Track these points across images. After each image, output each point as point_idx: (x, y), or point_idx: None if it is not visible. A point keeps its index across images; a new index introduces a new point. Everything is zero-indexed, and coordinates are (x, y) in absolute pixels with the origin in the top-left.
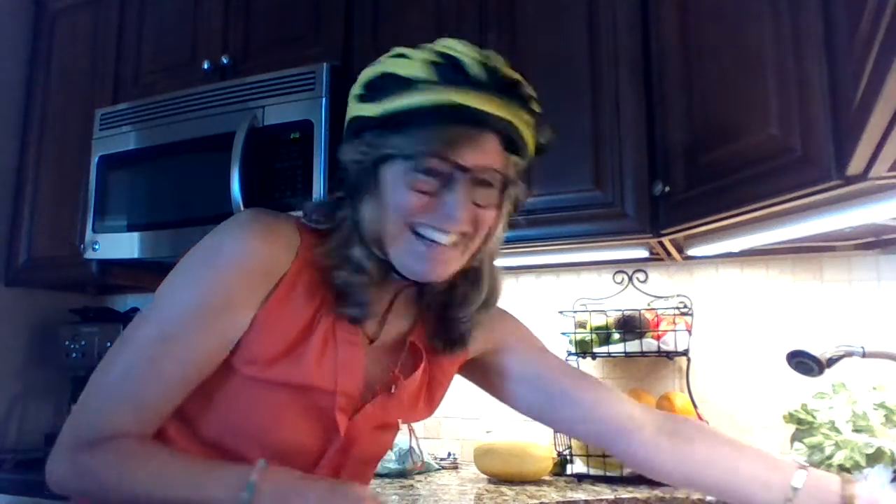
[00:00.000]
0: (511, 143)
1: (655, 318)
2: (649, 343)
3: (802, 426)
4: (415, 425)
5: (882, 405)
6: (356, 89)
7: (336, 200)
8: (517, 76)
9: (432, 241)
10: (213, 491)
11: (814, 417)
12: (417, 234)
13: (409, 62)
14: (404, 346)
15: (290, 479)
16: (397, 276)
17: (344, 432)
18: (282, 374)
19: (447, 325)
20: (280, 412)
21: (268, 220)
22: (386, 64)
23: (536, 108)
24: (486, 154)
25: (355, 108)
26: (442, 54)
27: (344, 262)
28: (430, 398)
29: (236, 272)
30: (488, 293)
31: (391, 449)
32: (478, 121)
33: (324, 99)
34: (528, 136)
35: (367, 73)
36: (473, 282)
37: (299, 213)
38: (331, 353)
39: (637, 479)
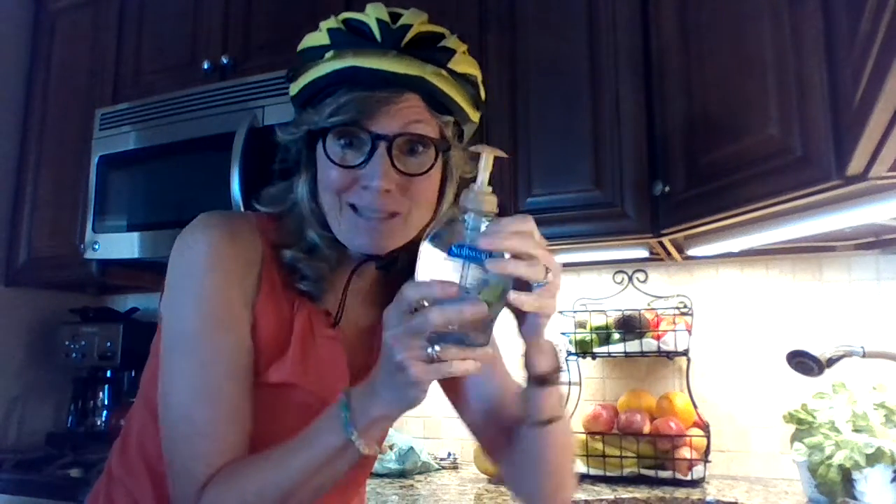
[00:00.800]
0: (436, 103)
1: (655, 318)
2: (649, 343)
3: (802, 426)
4: (414, 425)
5: (882, 405)
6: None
7: (287, 185)
8: (437, 29)
9: (368, 218)
10: (324, 439)
11: (814, 417)
12: (353, 208)
13: (317, 34)
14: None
15: (360, 391)
16: (350, 252)
17: None
18: (274, 374)
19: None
20: (276, 413)
21: (224, 219)
22: (304, 40)
23: (458, 62)
24: (404, 116)
25: (289, 92)
26: (346, 20)
27: (298, 243)
28: None
29: (219, 272)
30: None
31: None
32: (385, 82)
33: None
34: (454, 92)
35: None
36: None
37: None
38: (311, 351)
39: (637, 479)
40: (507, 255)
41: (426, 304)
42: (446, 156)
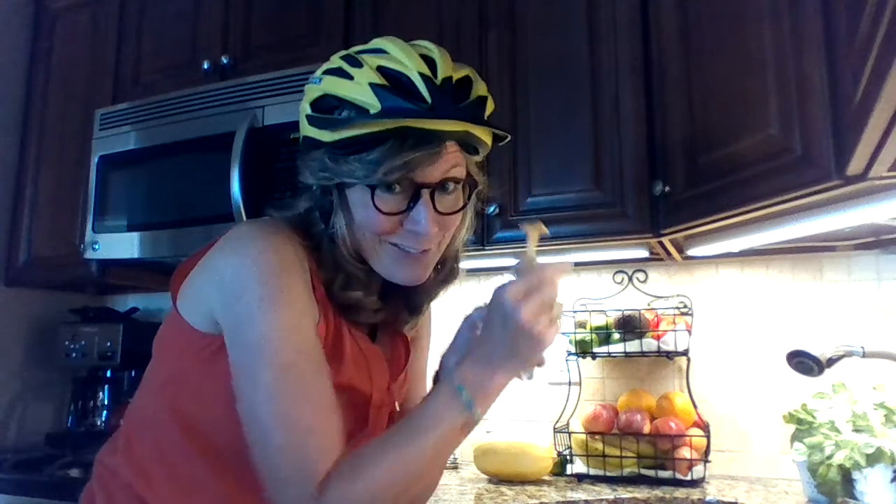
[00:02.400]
0: (471, 147)
1: (655, 318)
2: (649, 343)
3: (802, 426)
4: None
5: (882, 405)
6: (305, 107)
7: (307, 214)
8: (465, 72)
9: (408, 252)
10: (447, 418)
11: (814, 417)
12: (393, 245)
13: (354, 86)
14: (392, 332)
15: (471, 370)
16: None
17: (371, 425)
18: (336, 376)
19: (410, 296)
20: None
21: (273, 225)
22: (327, 83)
23: (490, 107)
24: (445, 165)
25: (307, 129)
26: (385, 73)
27: (341, 277)
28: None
29: (287, 275)
30: (449, 270)
31: None
32: (430, 140)
33: None
34: (485, 136)
35: (313, 91)
36: (441, 263)
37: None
38: (360, 354)
39: (637, 479)
40: None
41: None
42: (474, 190)
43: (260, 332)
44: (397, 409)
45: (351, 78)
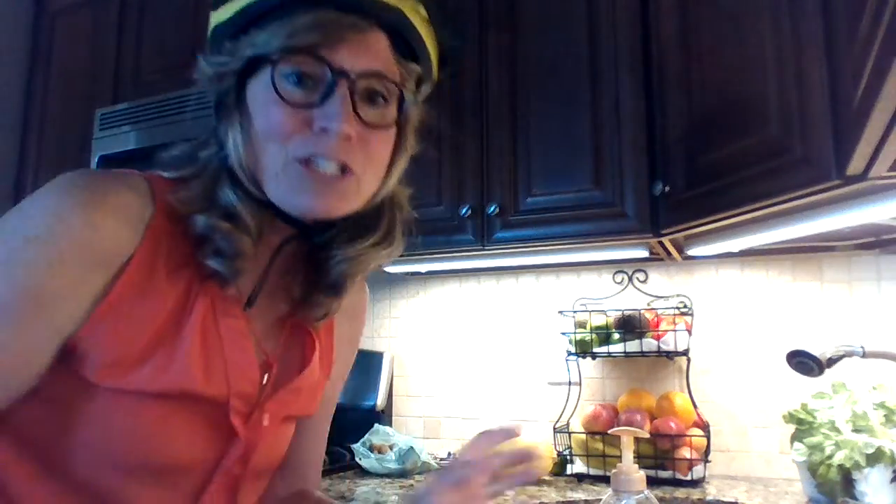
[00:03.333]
0: (405, 45)
1: (655, 318)
2: (649, 343)
3: (802, 426)
4: (415, 425)
5: (882, 405)
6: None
7: (197, 143)
8: None
9: (318, 169)
10: None
11: (814, 417)
12: (302, 163)
13: None
14: (294, 325)
15: None
16: (281, 220)
17: (245, 440)
18: (150, 381)
19: (317, 266)
20: (158, 428)
21: (101, 186)
22: None
23: (437, 6)
24: (371, 56)
25: (210, 23)
26: None
27: (210, 208)
28: (324, 365)
29: (52, 257)
30: (382, 235)
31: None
32: (356, 8)
33: None
34: (426, 33)
35: None
36: (368, 222)
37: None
38: (214, 346)
39: None
40: None
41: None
42: (404, 112)
43: None
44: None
45: None
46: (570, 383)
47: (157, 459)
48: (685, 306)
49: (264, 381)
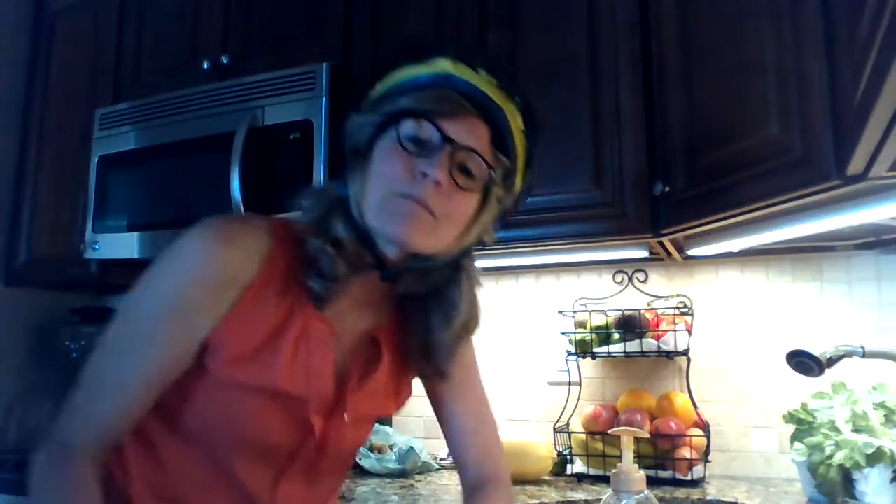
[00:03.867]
0: (500, 139)
1: (655, 318)
2: (649, 343)
3: (802, 426)
4: (415, 425)
5: (882, 405)
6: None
7: (330, 184)
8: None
9: (407, 195)
10: None
11: (814, 417)
12: (396, 196)
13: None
14: (371, 340)
15: None
16: (372, 259)
17: (319, 433)
18: (252, 377)
19: (431, 350)
20: (254, 414)
21: (229, 227)
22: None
23: (534, 119)
24: (473, 136)
25: (370, 95)
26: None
27: (321, 232)
28: (396, 393)
29: (194, 279)
30: (465, 318)
31: (365, 444)
32: (472, 97)
33: (324, 99)
34: (518, 139)
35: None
36: (449, 306)
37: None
38: (302, 356)
39: None
40: None
41: None
42: (489, 190)
43: (131, 306)
44: (373, 418)
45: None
46: (570, 383)
47: (248, 439)
48: (685, 306)
49: (342, 386)
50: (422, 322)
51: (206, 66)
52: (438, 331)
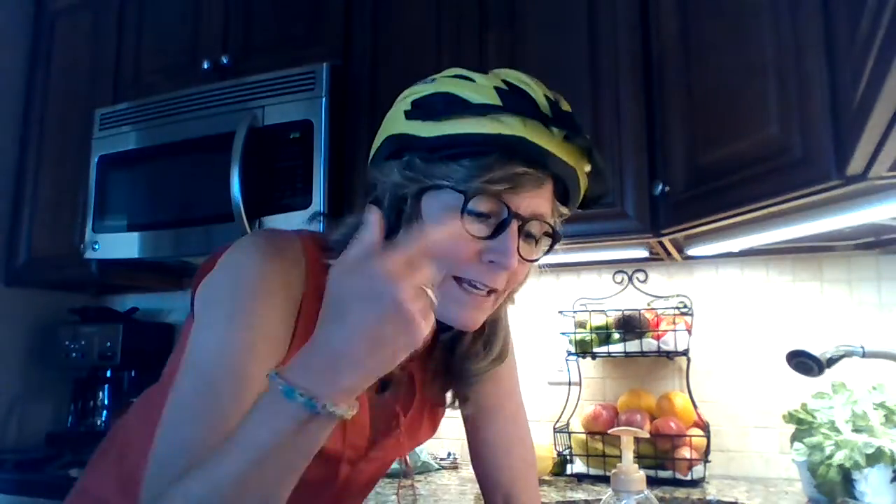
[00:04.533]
0: (564, 192)
1: (655, 318)
2: (649, 343)
3: (802, 426)
4: None
5: (882, 405)
6: (403, 104)
7: (352, 229)
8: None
9: (469, 289)
10: (271, 426)
11: (814, 417)
12: (457, 281)
13: (475, 85)
14: (403, 378)
15: (316, 359)
16: None
17: (344, 478)
18: None
19: (457, 378)
20: None
21: (274, 238)
22: (444, 83)
23: (599, 161)
24: (540, 202)
25: (401, 125)
26: (508, 82)
27: None
28: (432, 421)
29: (262, 295)
30: (500, 349)
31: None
32: (542, 163)
33: (324, 99)
34: (584, 188)
35: (419, 90)
36: (490, 334)
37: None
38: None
39: None
40: None
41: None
42: (553, 247)
43: (205, 340)
44: (405, 458)
45: (472, 80)
46: (570, 383)
47: None
48: (685, 306)
49: (375, 431)
50: (458, 349)
51: (206, 66)
52: (476, 359)
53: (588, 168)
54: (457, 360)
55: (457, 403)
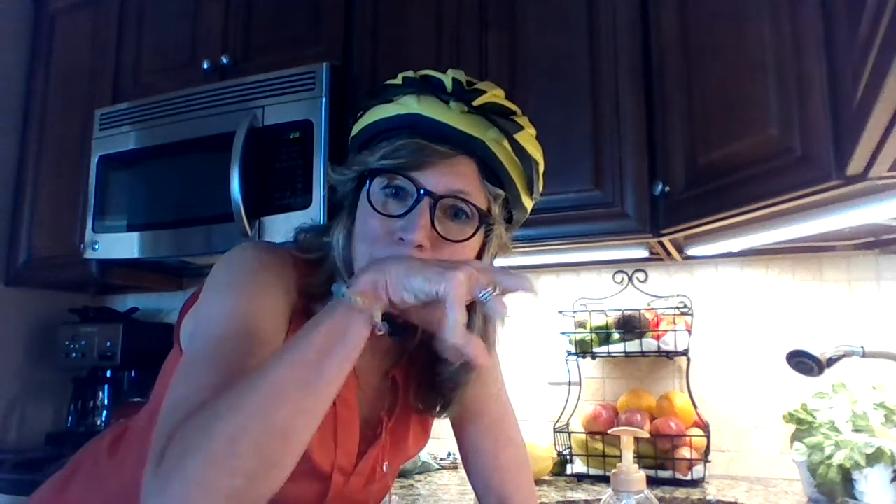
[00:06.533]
0: (489, 171)
1: (655, 318)
2: (649, 343)
3: (802, 426)
4: None
5: (882, 405)
6: None
7: (325, 227)
8: (507, 104)
9: None
10: (335, 326)
11: (814, 417)
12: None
13: (393, 81)
14: (387, 385)
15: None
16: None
17: (337, 492)
18: None
19: (434, 386)
20: None
21: (269, 245)
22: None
23: (524, 137)
24: (455, 178)
25: (350, 133)
26: (424, 74)
27: (327, 295)
28: (421, 429)
29: (261, 284)
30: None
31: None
32: (444, 136)
33: (324, 99)
34: (512, 166)
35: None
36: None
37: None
38: (329, 416)
39: None
40: None
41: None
42: (489, 230)
43: (211, 313)
44: (394, 470)
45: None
46: (570, 383)
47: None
48: (685, 306)
49: (364, 442)
50: (432, 356)
51: (206, 66)
52: (453, 364)
53: (507, 144)
54: (438, 365)
55: (439, 409)
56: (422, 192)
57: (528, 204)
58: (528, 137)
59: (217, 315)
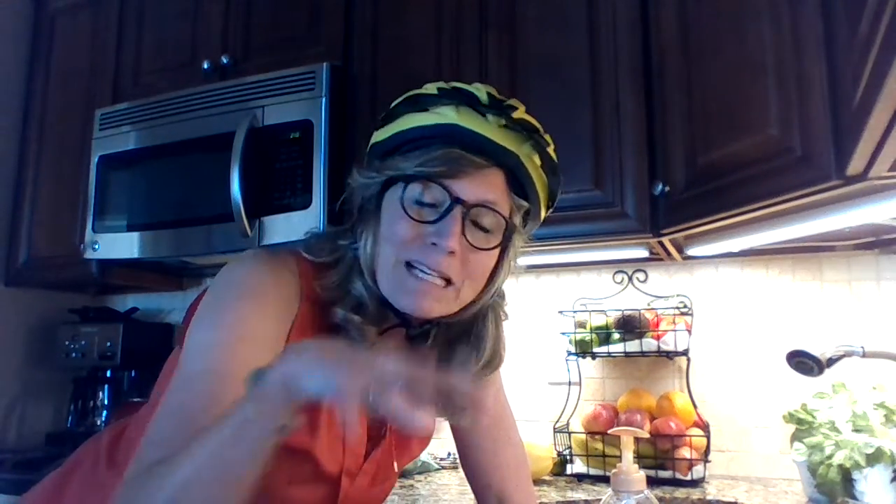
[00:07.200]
0: (517, 184)
1: (655, 318)
2: (649, 343)
3: (802, 426)
4: None
5: (882, 405)
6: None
7: (339, 231)
8: (533, 120)
9: (419, 275)
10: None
11: (814, 417)
12: (407, 266)
13: (424, 88)
14: None
15: (283, 368)
16: (391, 312)
17: (344, 494)
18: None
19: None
20: (284, 474)
21: (269, 255)
22: (409, 93)
23: (551, 153)
24: (486, 188)
25: (372, 138)
26: (455, 86)
27: (344, 298)
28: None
29: (254, 301)
30: (489, 357)
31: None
32: (480, 149)
33: (324, 99)
34: (537, 177)
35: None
36: (475, 345)
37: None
38: (336, 425)
39: None
40: None
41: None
42: (510, 239)
43: (191, 341)
44: (397, 470)
45: (424, 87)
46: (570, 383)
47: (273, 491)
48: (685, 306)
49: (371, 444)
50: (447, 358)
51: (206, 67)
52: (464, 368)
53: (538, 160)
54: (444, 369)
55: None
56: (455, 200)
57: (544, 215)
58: (554, 154)
59: (200, 345)
